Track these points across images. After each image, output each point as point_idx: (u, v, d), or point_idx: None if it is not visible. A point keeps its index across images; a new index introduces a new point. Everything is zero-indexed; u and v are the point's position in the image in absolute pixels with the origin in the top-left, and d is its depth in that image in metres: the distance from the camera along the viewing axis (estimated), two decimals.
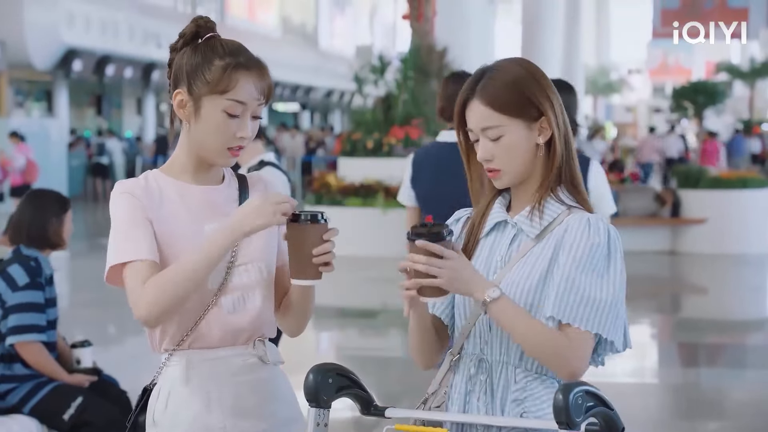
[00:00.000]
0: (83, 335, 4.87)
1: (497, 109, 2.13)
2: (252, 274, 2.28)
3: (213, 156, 2.25)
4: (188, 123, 2.24)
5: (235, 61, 2.21)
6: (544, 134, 2.15)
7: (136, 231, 2.18)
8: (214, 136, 2.22)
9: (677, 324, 9.82)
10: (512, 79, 2.14)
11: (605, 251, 2.08)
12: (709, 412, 6.42)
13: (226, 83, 2.19)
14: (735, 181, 13.85)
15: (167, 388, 2.25)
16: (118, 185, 2.26)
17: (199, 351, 2.25)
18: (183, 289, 2.12)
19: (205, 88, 2.20)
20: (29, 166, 16.58)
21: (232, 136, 2.22)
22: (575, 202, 2.17)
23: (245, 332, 2.28)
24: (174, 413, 2.24)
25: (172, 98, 2.26)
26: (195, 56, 2.23)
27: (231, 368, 2.27)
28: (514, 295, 2.11)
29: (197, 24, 2.27)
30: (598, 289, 2.05)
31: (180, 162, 2.30)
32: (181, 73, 2.24)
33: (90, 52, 23.50)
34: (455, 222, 2.30)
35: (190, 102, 2.23)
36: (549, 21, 24.66)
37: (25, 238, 4.28)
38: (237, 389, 2.27)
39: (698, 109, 24.10)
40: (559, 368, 2.06)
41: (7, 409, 4.20)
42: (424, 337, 2.22)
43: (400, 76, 14.90)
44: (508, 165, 2.15)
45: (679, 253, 13.65)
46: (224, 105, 2.20)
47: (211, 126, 2.21)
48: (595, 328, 2.04)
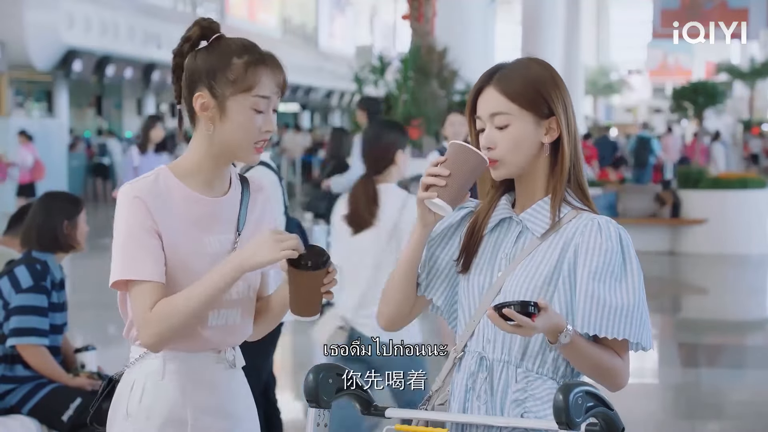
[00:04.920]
0: (83, 336, 4.88)
1: (510, 98, 2.14)
2: (240, 291, 2.32)
3: (241, 153, 2.27)
4: (212, 124, 2.24)
5: (254, 58, 2.23)
6: (551, 134, 2.15)
7: (143, 247, 2.20)
8: (243, 134, 2.24)
9: (677, 324, 9.82)
10: (531, 74, 2.16)
11: (620, 256, 2.09)
12: (709, 412, 6.42)
13: (251, 80, 2.22)
14: (735, 181, 13.86)
15: (142, 381, 2.29)
16: (128, 187, 2.25)
17: (172, 352, 2.29)
18: (188, 320, 2.20)
19: (229, 87, 2.22)
20: (36, 165, 16.64)
21: (258, 131, 2.25)
22: (582, 204, 2.18)
23: (222, 344, 2.34)
24: (149, 406, 2.28)
25: (193, 101, 2.25)
26: (210, 58, 2.24)
27: (204, 368, 2.32)
28: (517, 294, 2.11)
29: (201, 26, 2.28)
30: (619, 295, 2.07)
31: (192, 163, 2.30)
32: (198, 75, 2.24)
33: (90, 53, 23.48)
34: (458, 209, 2.29)
35: (214, 103, 2.23)
36: (549, 21, 24.63)
37: (36, 242, 4.27)
38: (207, 388, 2.32)
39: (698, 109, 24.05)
40: (615, 385, 2.10)
41: (6, 409, 4.20)
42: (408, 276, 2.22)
43: (400, 76, 14.90)
44: (509, 156, 2.15)
45: (679, 253, 13.65)
46: (251, 102, 2.23)
47: (239, 124, 2.24)
48: (623, 334, 2.06)
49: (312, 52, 38.11)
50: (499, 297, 2.15)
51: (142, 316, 2.19)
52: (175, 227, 2.24)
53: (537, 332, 2.00)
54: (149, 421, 2.28)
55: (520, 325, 1.96)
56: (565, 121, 2.15)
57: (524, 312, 1.96)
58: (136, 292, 2.20)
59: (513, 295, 2.12)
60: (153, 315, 2.18)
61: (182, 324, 2.19)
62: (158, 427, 2.27)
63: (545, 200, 2.17)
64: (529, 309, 1.96)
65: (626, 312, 2.06)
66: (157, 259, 2.21)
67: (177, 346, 2.27)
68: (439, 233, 2.28)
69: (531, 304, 1.96)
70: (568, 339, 2.02)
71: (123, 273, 2.20)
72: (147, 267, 2.19)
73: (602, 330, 2.06)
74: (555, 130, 2.15)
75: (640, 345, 2.11)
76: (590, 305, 2.06)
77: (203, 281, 2.19)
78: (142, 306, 2.19)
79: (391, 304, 2.27)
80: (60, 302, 4.30)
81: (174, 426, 2.28)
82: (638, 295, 2.08)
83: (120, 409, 2.31)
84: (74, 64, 23.03)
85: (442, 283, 2.27)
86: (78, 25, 22.77)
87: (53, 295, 4.25)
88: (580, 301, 2.08)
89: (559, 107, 2.15)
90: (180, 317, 2.17)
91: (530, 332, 1.98)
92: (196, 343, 2.29)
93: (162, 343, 2.21)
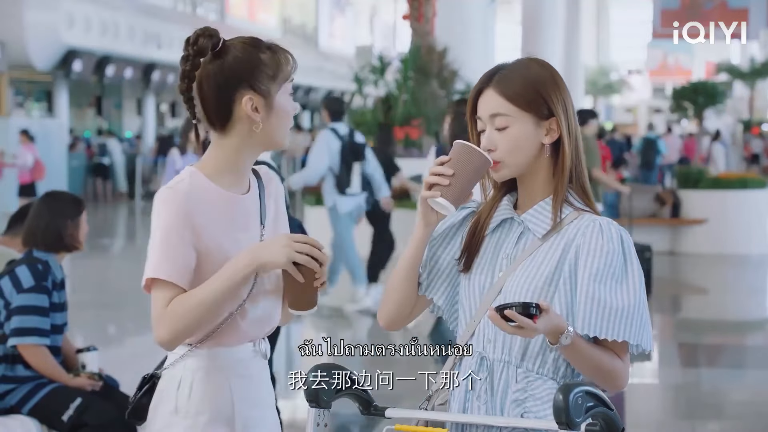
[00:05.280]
0: (83, 336, 4.88)
1: (509, 99, 2.14)
2: (272, 281, 2.37)
3: (283, 140, 2.34)
4: (260, 122, 2.29)
5: (272, 48, 2.31)
6: (551, 135, 2.15)
7: (176, 248, 2.23)
8: (286, 121, 2.34)
9: (677, 324, 9.81)
10: (531, 74, 2.16)
11: (621, 258, 2.09)
12: (709, 412, 6.41)
13: (285, 69, 2.31)
14: (735, 181, 13.86)
15: (189, 378, 2.32)
16: (168, 190, 2.26)
17: (216, 348, 2.33)
18: (202, 317, 2.22)
19: (271, 82, 2.29)
20: (36, 165, 16.65)
21: (292, 114, 2.35)
22: (584, 205, 2.18)
23: (258, 335, 2.40)
24: (199, 402, 2.32)
25: (236, 105, 2.28)
26: (240, 61, 2.27)
27: (243, 362, 2.37)
28: (517, 295, 2.12)
29: (209, 35, 2.29)
30: (620, 297, 2.07)
31: (225, 162, 2.33)
32: (235, 80, 2.27)
33: (90, 53, 23.48)
34: (460, 210, 2.29)
35: (262, 101, 2.28)
36: (549, 21, 24.64)
37: (40, 242, 4.27)
38: (247, 381, 2.38)
39: (698, 109, 24.06)
40: (615, 387, 2.11)
41: (6, 409, 4.20)
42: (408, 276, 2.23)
43: (400, 76, 14.90)
44: (509, 157, 2.15)
45: (679, 253, 13.65)
46: (288, 88, 2.33)
47: (284, 113, 2.33)
48: (623, 336, 2.06)
49: (312, 52, 38.11)
50: (500, 297, 2.15)
51: (156, 314, 2.22)
52: (217, 228, 2.28)
53: (538, 333, 2.01)
54: (199, 416, 2.32)
55: (521, 326, 1.96)
56: (565, 121, 2.15)
57: (526, 313, 1.96)
58: (157, 291, 2.23)
59: (513, 296, 2.12)
60: (167, 313, 2.20)
61: (197, 320, 2.21)
62: (207, 422, 2.32)
63: (547, 201, 2.17)
64: (530, 310, 1.96)
65: (627, 313, 2.06)
66: (185, 263, 2.23)
67: (220, 341, 2.32)
68: (441, 233, 2.28)
69: (532, 306, 1.96)
70: (569, 340, 2.02)
71: (153, 271, 2.23)
72: (175, 268, 2.22)
73: (602, 332, 2.06)
74: (555, 130, 2.15)
75: (640, 347, 2.10)
76: (591, 307, 2.07)
77: (217, 276, 2.22)
78: (161, 304, 2.21)
79: (391, 303, 2.28)
80: (60, 302, 4.30)
81: (222, 420, 2.33)
82: (639, 296, 2.08)
83: (167, 406, 2.34)
84: (74, 64, 23.03)
85: (443, 283, 2.27)
86: (78, 25, 22.76)
87: (54, 295, 4.26)
88: (580, 302, 2.08)
89: (559, 108, 2.15)
90: (194, 313, 2.20)
91: (531, 333, 1.99)
92: (237, 336, 2.33)
93: (176, 341, 2.23)
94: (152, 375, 2.39)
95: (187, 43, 2.30)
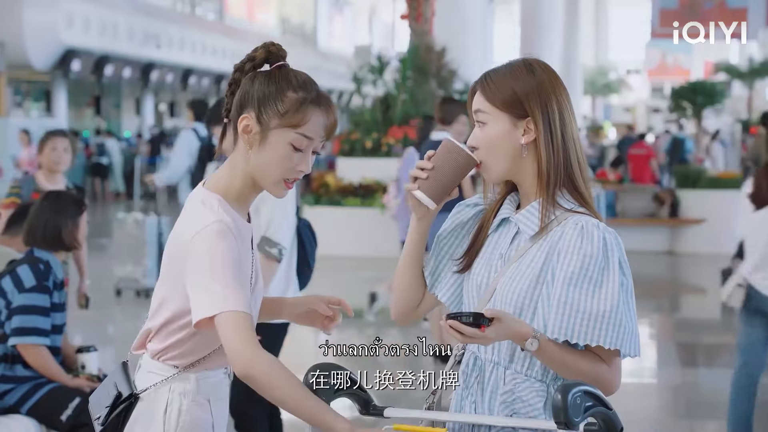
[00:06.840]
0: (81, 337, 4.87)
1: (486, 98, 2.16)
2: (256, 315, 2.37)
3: (268, 185, 2.25)
4: (250, 148, 2.23)
5: (309, 96, 2.21)
6: (528, 135, 2.14)
7: (238, 279, 2.16)
8: (276, 167, 2.22)
9: (676, 324, 9.82)
10: (510, 73, 2.16)
11: (601, 262, 2.06)
12: (708, 412, 6.42)
13: (300, 118, 2.20)
14: (734, 181, 13.85)
15: (178, 401, 2.28)
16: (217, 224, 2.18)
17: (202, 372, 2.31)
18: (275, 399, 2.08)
19: (276, 119, 2.20)
20: None
21: (292, 168, 2.23)
22: (577, 205, 2.15)
23: None
24: (189, 426, 2.28)
25: (238, 121, 2.23)
26: (268, 84, 2.22)
27: (221, 385, 2.37)
28: (506, 296, 2.12)
29: (269, 50, 2.26)
30: (595, 301, 2.04)
31: (238, 187, 2.28)
32: (250, 98, 2.22)
33: (89, 52, 23.47)
34: (469, 208, 2.31)
35: (258, 129, 2.21)
36: (548, 21, 24.66)
37: (40, 241, 4.28)
38: (222, 404, 2.39)
39: (697, 109, 24.06)
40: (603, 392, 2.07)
41: (5, 409, 4.20)
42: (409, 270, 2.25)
43: (399, 76, 14.89)
44: (489, 157, 2.16)
45: (678, 253, 13.65)
46: (292, 138, 2.21)
47: (274, 156, 2.21)
48: (597, 340, 2.04)
49: (311, 52, 38.11)
50: (493, 298, 2.15)
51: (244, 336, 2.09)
52: (244, 257, 2.25)
53: (492, 342, 2.02)
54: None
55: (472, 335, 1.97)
56: (543, 122, 2.12)
57: (476, 323, 1.97)
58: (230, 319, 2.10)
59: (503, 297, 2.13)
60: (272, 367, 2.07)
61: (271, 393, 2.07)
62: None
63: (538, 202, 2.17)
64: (480, 320, 1.98)
65: (600, 318, 2.03)
66: (248, 291, 2.22)
67: (208, 365, 2.30)
68: (449, 232, 2.29)
69: (482, 316, 1.98)
70: (535, 346, 2.02)
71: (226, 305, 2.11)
72: (243, 298, 2.14)
73: (573, 336, 2.04)
74: (532, 131, 2.14)
75: (622, 352, 2.08)
76: (561, 311, 2.05)
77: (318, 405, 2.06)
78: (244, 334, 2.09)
79: (398, 296, 2.31)
80: (60, 302, 4.31)
81: None
82: (615, 300, 2.04)
83: (152, 428, 2.28)
84: (73, 63, 23.02)
85: (449, 281, 2.28)
86: (77, 24, 22.76)
87: (54, 295, 4.26)
88: (552, 306, 2.06)
89: (536, 108, 2.12)
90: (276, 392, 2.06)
91: (486, 342, 2.00)
92: (222, 360, 2.30)
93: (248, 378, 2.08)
94: (131, 395, 2.31)
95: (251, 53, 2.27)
